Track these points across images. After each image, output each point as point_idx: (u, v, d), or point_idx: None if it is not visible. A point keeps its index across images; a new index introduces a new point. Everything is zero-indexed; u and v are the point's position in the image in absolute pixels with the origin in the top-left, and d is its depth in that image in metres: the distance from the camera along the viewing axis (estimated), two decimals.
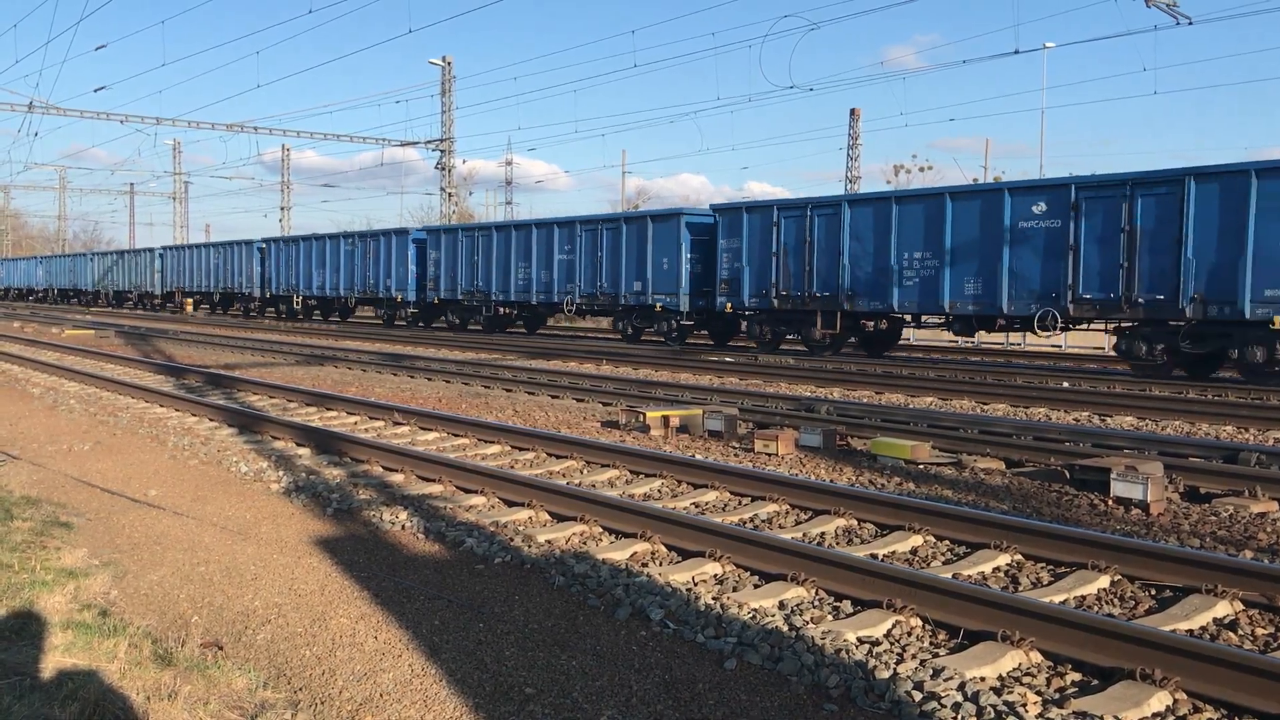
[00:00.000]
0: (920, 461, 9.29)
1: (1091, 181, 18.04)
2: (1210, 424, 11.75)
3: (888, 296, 20.84)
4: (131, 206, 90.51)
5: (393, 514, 7.33)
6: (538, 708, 4.16)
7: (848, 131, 51.58)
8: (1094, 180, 18.04)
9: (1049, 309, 18.15)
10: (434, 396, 14.89)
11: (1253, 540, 6.69)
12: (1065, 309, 18.00)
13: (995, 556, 6.13)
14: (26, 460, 9.97)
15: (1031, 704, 4.07)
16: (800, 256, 22.40)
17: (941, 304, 19.96)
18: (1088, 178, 18.27)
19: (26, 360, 20.31)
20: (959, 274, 19.58)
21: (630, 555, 6.36)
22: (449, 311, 33.38)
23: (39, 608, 5.17)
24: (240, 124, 45.09)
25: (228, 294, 46.53)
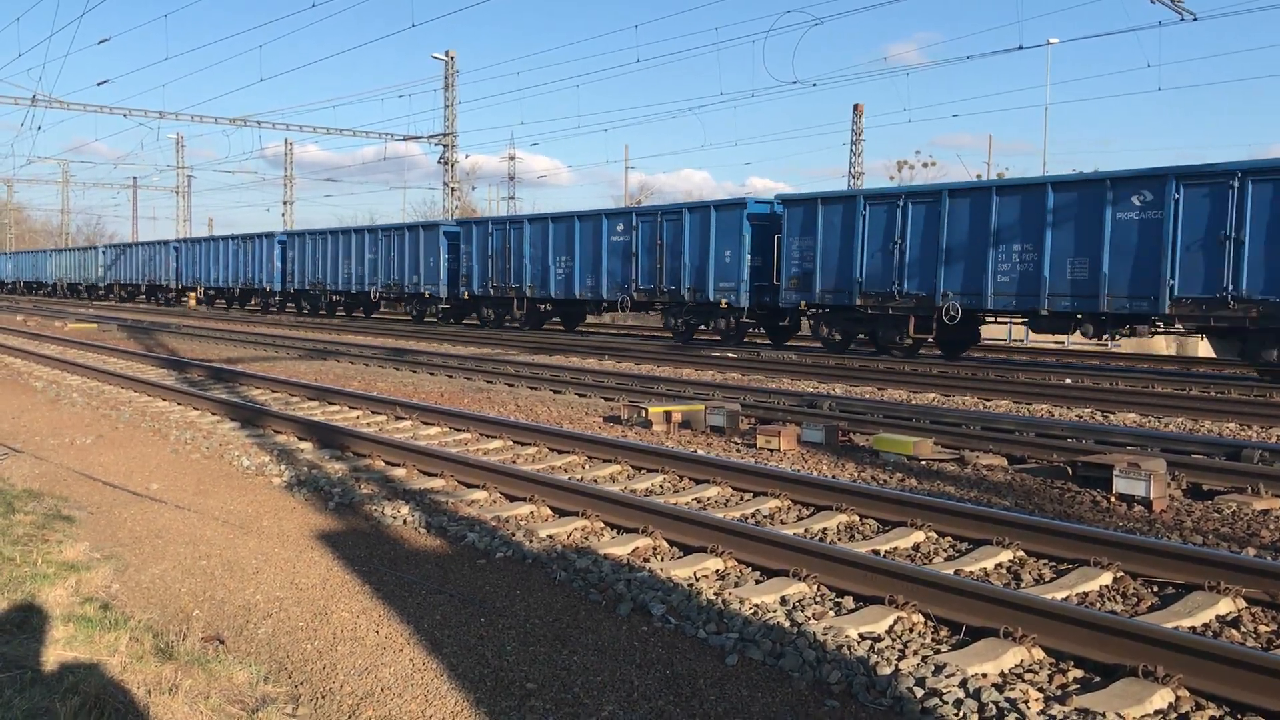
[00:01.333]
0: (923, 458, 9.28)
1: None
2: (1213, 421, 11.73)
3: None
4: (134, 200, 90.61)
5: (394, 508, 7.33)
6: (539, 703, 4.16)
7: (851, 127, 51.47)
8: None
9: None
10: (436, 391, 14.89)
11: (1255, 537, 6.67)
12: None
13: (997, 553, 6.12)
14: (29, 454, 9.98)
15: (1033, 701, 4.06)
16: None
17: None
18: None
19: (29, 354, 20.33)
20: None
21: (632, 550, 6.35)
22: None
23: (40, 601, 5.17)
24: (243, 118, 45.07)
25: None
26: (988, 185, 19.82)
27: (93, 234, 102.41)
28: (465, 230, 32.16)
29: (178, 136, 73.18)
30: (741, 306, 23.36)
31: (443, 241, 33.14)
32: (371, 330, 30.39)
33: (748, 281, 23.28)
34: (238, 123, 45.04)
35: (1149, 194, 16.80)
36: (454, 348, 23.42)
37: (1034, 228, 18.20)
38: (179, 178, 76.17)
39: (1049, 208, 18.00)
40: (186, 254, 50.25)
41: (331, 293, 39.09)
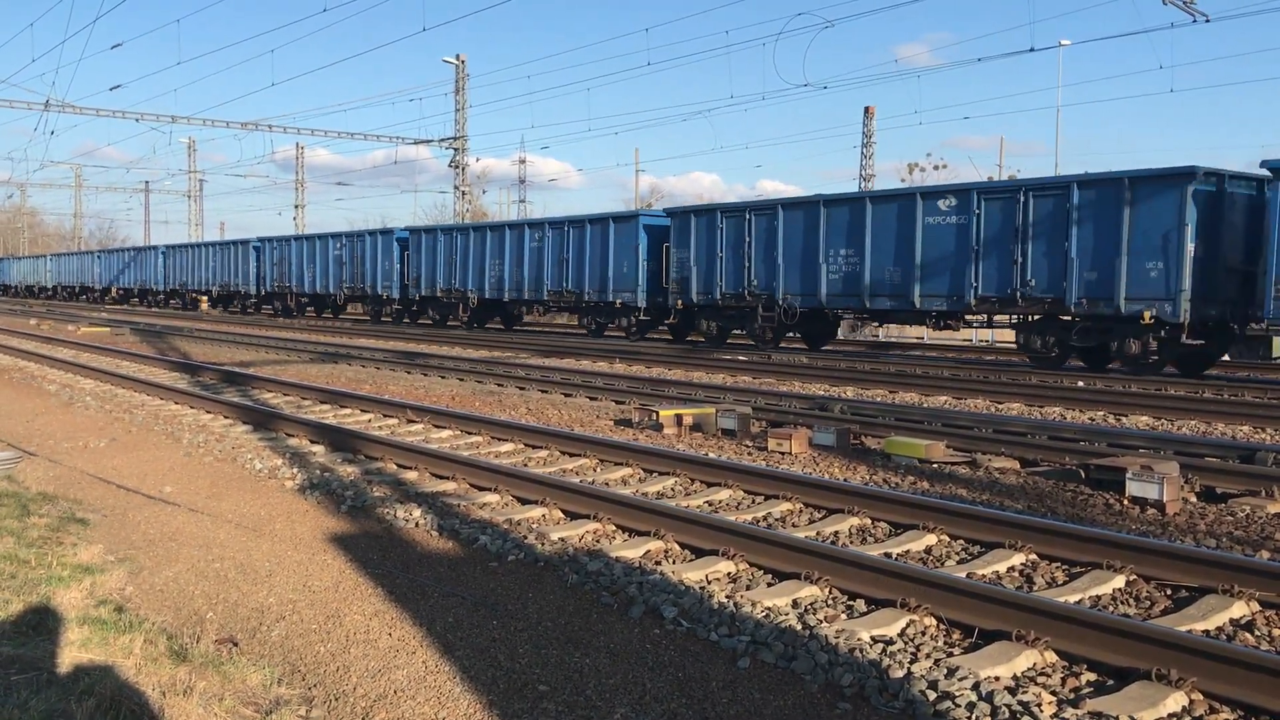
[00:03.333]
0: (935, 460, 9.26)
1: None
2: (1227, 424, 11.68)
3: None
4: (146, 204, 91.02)
5: (406, 511, 7.35)
6: (551, 705, 4.16)
7: (862, 129, 51.47)
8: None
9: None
10: (447, 395, 14.92)
11: (1270, 540, 6.64)
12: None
13: (1010, 556, 6.10)
14: (43, 457, 10.04)
15: (1046, 704, 4.05)
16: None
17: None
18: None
19: (42, 357, 20.44)
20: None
21: (644, 553, 6.36)
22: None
23: (55, 603, 5.20)
24: (254, 122, 45.42)
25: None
26: (816, 199, 22.22)
27: (105, 238, 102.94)
28: (414, 237, 35.24)
29: (189, 141, 73.50)
30: (639, 306, 26.54)
31: (395, 247, 36.18)
32: (382, 335, 30.50)
33: (644, 285, 26.49)
34: (249, 127, 45.22)
35: (955, 200, 19.59)
36: (465, 351, 23.47)
37: (857, 235, 20.96)
38: (191, 182, 76.53)
39: (869, 218, 20.75)
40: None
41: (298, 294, 42.06)
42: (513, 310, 33.08)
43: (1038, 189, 18.53)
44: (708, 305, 24.58)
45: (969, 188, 19.93)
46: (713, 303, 24.32)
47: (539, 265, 29.64)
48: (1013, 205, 18.56)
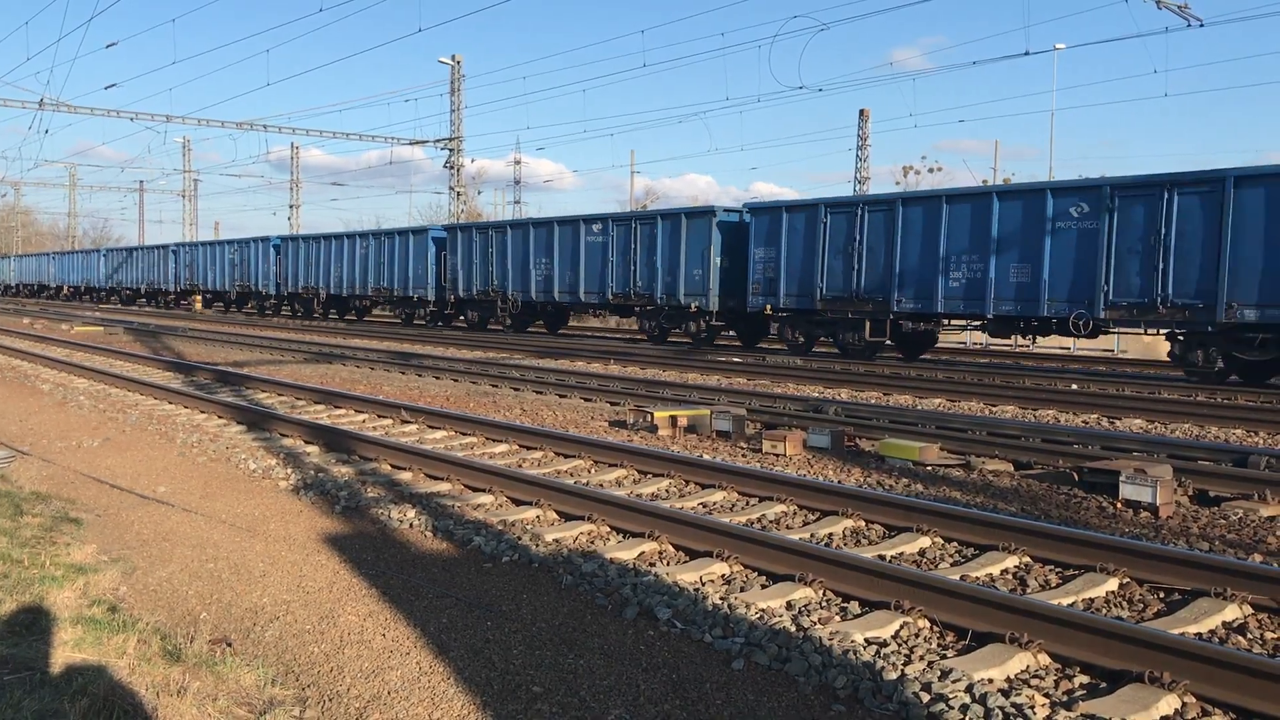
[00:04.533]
0: (928, 463, 9.27)
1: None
2: (1220, 427, 11.71)
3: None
4: (141, 204, 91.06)
5: (401, 512, 7.34)
6: (545, 706, 4.16)
7: (857, 132, 51.48)
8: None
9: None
10: (442, 395, 14.91)
11: (1262, 544, 6.66)
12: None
13: (1003, 558, 6.12)
14: (36, 456, 10.01)
15: (1040, 706, 4.06)
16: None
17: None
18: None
19: (36, 356, 20.39)
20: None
21: (638, 555, 6.36)
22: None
23: (49, 603, 5.19)
24: (250, 122, 45.21)
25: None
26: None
27: (99, 237, 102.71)
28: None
29: (184, 140, 73.35)
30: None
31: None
32: (376, 334, 30.45)
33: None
34: (244, 126, 45.17)
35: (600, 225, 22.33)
36: (459, 351, 23.45)
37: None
38: (185, 181, 76.34)
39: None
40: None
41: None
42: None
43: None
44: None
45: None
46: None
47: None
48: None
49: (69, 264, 66.23)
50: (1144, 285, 17.04)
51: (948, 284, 19.69)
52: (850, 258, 21.24)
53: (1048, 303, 18.27)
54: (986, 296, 19.08)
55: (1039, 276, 18.33)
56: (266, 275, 43.70)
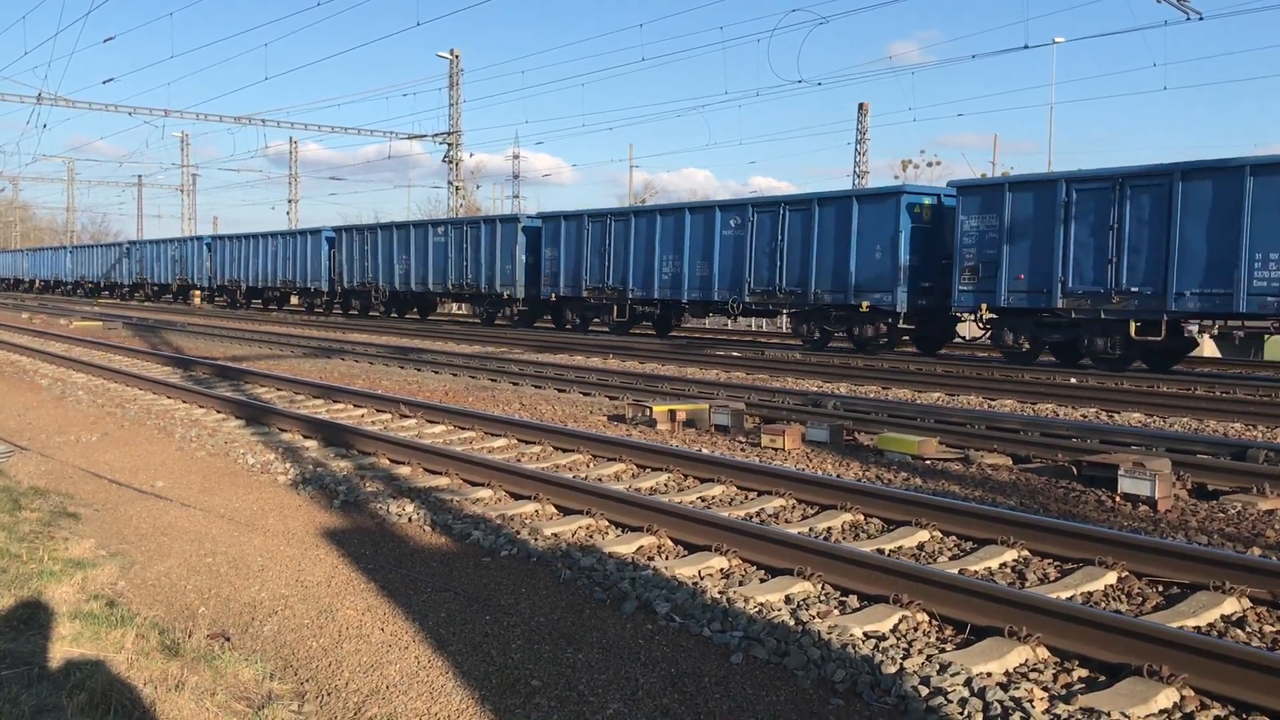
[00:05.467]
0: (927, 457, 9.27)
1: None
2: (1218, 421, 11.71)
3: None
4: (140, 199, 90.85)
5: (400, 506, 7.34)
6: (544, 700, 4.16)
7: (856, 126, 51.40)
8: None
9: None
10: (441, 390, 14.90)
11: (1261, 537, 6.66)
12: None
13: (1002, 552, 6.12)
14: (35, 451, 10.01)
15: (1038, 700, 4.06)
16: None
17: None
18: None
19: (35, 351, 20.37)
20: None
21: (637, 549, 6.36)
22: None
23: (47, 598, 5.18)
24: (248, 116, 45.12)
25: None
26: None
27: (98, 232, 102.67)
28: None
29: (183, 135, 73.33)
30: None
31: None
32: (375, 329, 30.42)
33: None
34: (242, 121, 45.10)
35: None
36: (458, 346, 23.44)
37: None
38: (184, 176, 76.30)
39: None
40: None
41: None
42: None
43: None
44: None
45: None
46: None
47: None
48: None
49: (39, 260, 71.93)
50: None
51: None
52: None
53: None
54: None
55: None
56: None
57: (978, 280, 19.27)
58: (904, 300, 20.49)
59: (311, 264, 39.92)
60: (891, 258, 20.66)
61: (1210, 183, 16.20)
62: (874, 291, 20.94)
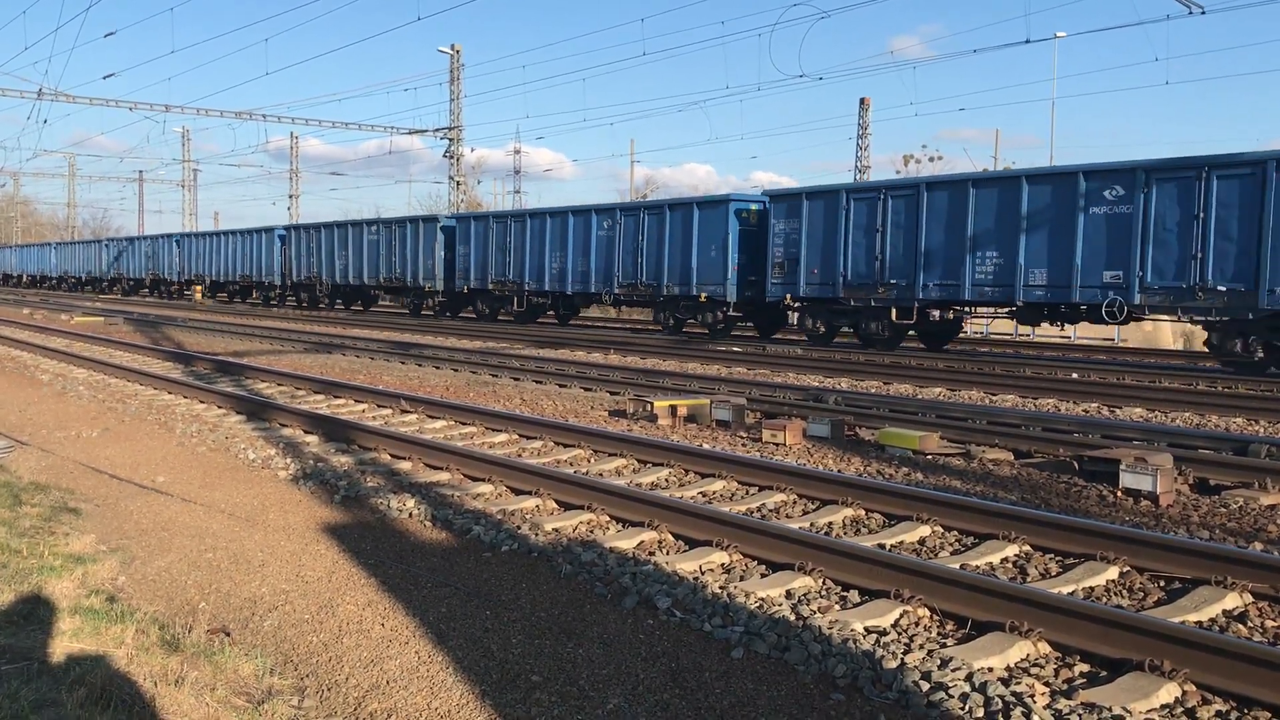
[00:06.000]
0: (928, 452, 9.26)
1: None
2: (1220, 416, 11.70)
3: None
4: (141, 194, 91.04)
5: (400, 501, 7.33)
6: (544, 695, 4.16)
7: (858, 121, 51.30)
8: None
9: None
10: (441, 385, 14.90)
11: (1263, 532, 6.65)
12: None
13: (1003, 547, 6.11)
14: (36, 446, 10.00)
15: (1040, 695, 4.05)
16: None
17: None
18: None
19: (36, 347, 20.37)
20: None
21: (637, 544, 6.35)
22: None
23: (47, 593, 5.18)
24: (249, 111, 45.13)
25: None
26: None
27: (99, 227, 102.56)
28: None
29: (183, 130, 73.24)
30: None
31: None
32: (376, 324, 30.43)
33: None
34: (243, 116, 45.08)
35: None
36: (459, 341, 23.43)
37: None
38: (185, 171, 76.17)
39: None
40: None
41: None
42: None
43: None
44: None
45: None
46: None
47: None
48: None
49: (26, 256, 76.28)
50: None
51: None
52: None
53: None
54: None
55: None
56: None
57: (784, 274, 22.73)
58: (734, 292, 23.86)
59: (265, 260, 43.09)
60: (723, 256, 24.05)
61: (947, 193, 19.92)
62: (710, 284, 24.35)
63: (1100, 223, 17.49)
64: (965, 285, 19.40)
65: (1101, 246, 17.46)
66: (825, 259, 21.78)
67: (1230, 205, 16.14)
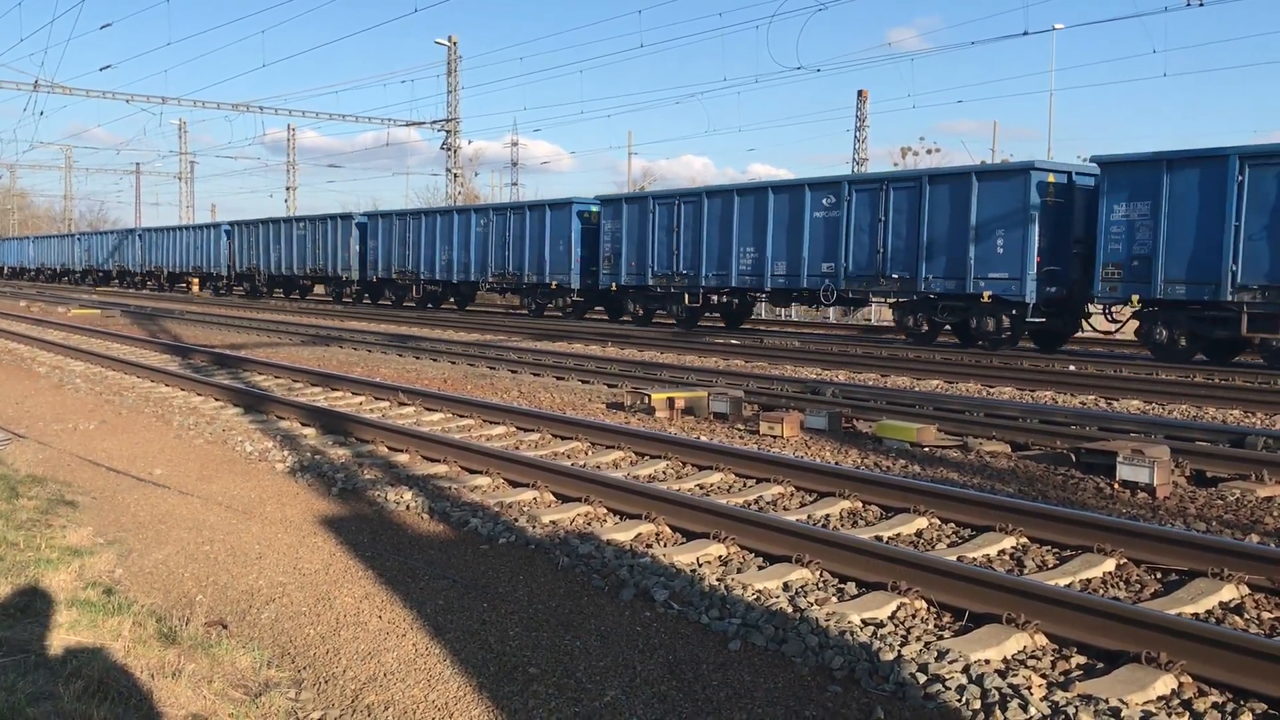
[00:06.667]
0: (926, 444, 9.27)
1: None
2: (1217, 408, 11.71)
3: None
4: (138, 186, 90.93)
5: (398, 494, 7.33)
6: (541, 687, 4.16)
7: (855, 113, 51.33)
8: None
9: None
10: (439, 377, 14.89)
11: (1259, 524, 6.66)
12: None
13: (1000, 539, 6.11)
14: (33, 439, 9.99)
15: (1036, 687, 4.06)
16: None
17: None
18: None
19: (33, 339, 20.34)
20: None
21: (635, 536, 6.35)
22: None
23: (44, 586, 5.18)
24: (245, 103, 45.00)
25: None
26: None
27: (96, 220, 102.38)
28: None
29: (180, 122, 73.01)
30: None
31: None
32: (373, 317, 30.43)
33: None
34: (240, 108, 44.98)
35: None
36: (457, 334, 23.41)
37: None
38: (182, 163, 76.01)
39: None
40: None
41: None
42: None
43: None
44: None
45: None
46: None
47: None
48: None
49: (6, 250, 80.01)
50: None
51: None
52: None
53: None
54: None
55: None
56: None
57: (612, 266, 27.32)
58: (577, 280, 28.60)
59: (213, 253, 47.85)
60: (567, 252, 28.94)
61: (720, 201, 24.40)
62: (559, 275, 29.12)
63: (820, 225, 21.96)
64: (733, 274, 23.91)
65: (820, 243, 21.89)
66: (639, 254, 26.33)
67: (902, 211, 20.34)
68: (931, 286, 19.88)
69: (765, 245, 23.02)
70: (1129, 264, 17.01)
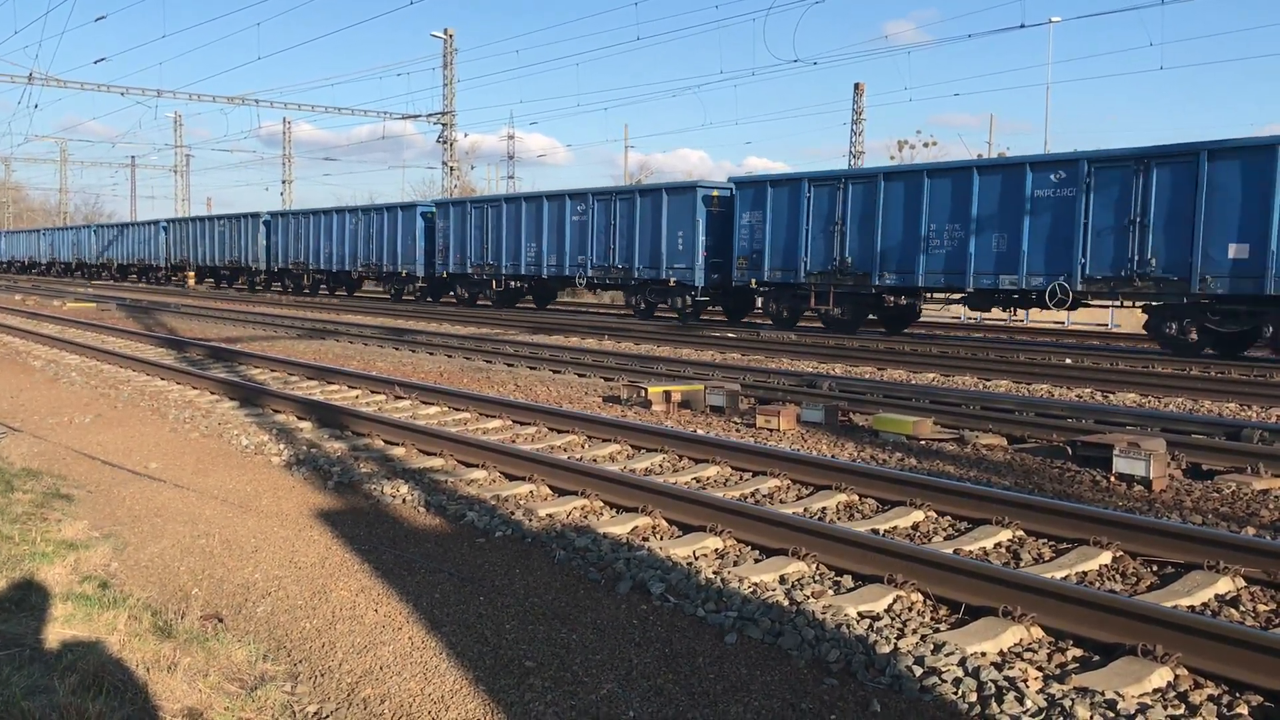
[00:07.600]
0: (922, 437, 9.27)
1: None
2: (1213, 401, 11.72)
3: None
4: (133, 179, 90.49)
5: (394, 487, 7.32)
6: (538, 681, 4.16)
7: (852, 106, 51.21)
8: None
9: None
10: (435, 371, 14.87)
11: (1255, 517, 6.67)
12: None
13: (997, 532, 6.11)
14: (28, 432, 9.97)
15: (1032, 679, 4.06)
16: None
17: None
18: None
19: (28, 333, 20.30)
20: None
21: (631, 530, 6.35)
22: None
23: (39, 579, 5.17)
24: (241, 96, 44.83)
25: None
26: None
27: (91, 213, 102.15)
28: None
29: (176, 115, 73.00)
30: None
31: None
32: (369, 310, 30.36)
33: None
34: (235, 101, 44.81)
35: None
36: (453, 327, 23.38)
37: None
38: (177, 156, 75.89)
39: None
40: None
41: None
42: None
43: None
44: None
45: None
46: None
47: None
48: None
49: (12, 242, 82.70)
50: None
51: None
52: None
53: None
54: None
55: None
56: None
57: (446, 257, 32.47)
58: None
59: (151, 246, 53.42)
60: (414, 246, 34.16)
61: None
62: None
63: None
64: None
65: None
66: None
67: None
68: (644, 274, 26.28)
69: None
70: (751, 256, 23.47)
